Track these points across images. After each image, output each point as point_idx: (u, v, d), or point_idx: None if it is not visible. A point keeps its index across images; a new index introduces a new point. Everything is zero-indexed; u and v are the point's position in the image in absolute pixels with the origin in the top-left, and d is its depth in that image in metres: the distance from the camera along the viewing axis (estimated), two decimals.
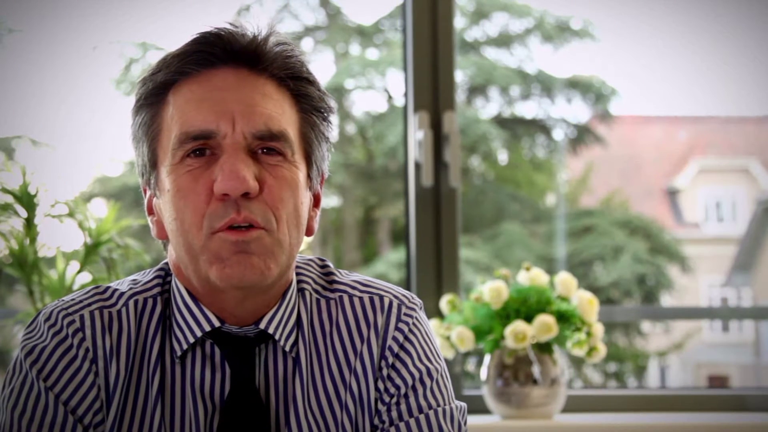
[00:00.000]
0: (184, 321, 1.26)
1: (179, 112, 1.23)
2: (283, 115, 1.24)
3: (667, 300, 10.21)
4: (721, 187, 11.48)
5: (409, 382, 1.27)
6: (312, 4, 10.07)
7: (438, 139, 2.55)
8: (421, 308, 1.34)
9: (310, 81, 1.28)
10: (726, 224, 11.44)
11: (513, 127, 10.13)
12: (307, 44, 9.91)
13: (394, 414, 1.26)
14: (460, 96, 9.55)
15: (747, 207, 11.31)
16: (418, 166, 2.55)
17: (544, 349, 2.28)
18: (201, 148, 1.21)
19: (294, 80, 1.26)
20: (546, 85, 10.14)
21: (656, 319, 10.20)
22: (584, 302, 2.28)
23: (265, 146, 1.22)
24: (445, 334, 2.31)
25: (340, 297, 1.31)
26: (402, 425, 1.25)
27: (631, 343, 10.21)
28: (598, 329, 2.28)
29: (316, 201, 1.32)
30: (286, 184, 1.22)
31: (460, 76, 9.71)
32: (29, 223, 2.09)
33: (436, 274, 2.54)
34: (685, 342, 10.79)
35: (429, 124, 2.55)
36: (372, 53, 10.03)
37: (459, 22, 8.78)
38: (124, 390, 1.23)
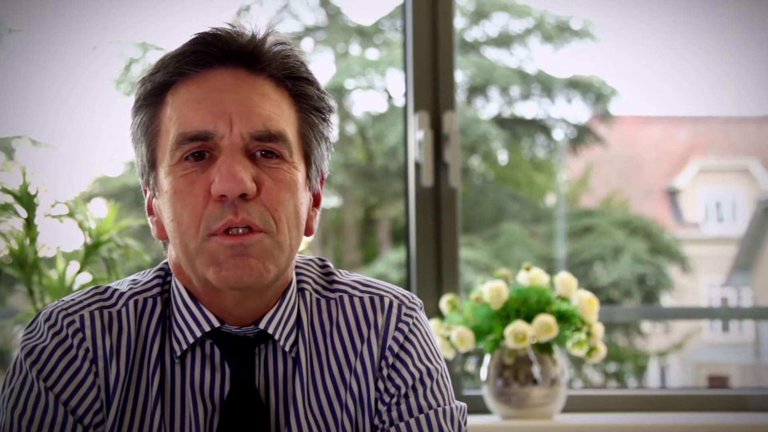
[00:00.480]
0: (183, 321, 1.26)
1: (177, 112, 1.22)
2: (281, 116, 1.23)
3: (667, 300, 10.21)
4: (721, 187, 11.47)
5: (410, 382, 1.27)
6: (312, 4, 10.06)
7: (438, 139, 2.55)
8: (421, 308, 1.34)
9: (309, 81, 1.27)
10: (726, 224, 11.44)
11: (513, 127, 10.13)
12: (307, 44, 9.91)
13: (395, 414, 1.26)
14: (460, 96, 9.55)
15: (747, 207, 11.31)
16: (418, 166, 2.55)
17: (544, 349, 2.28)
18: (199, 151, 1.21)
19: (292, 80, 1.26)
20: (546, 85, 10.14)
21: (656, 319, 10.20)
22: (584, 302, 2.28)
23: (264, 147, 1.22)
24: (445, 334, 2.31)
25: (341, 297, 1.31)
26: (402, 425, 1.25)
27: (631, 343, 10.21)
28: (598, 329, 2.28)
29: (316, 201, 1.31)
30: (285, 185, 1.22)
31: (460, 76, 9.70)
32: (29, 223, 2.09)
33: (436, 274, 2.54)
34: (685, 342, 10.78)
35: (429, 124, 2.55)
36: (372, 53, 10.03)
37: (459, 22, 8.78)
38: (124, 390, 1.23)
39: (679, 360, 11.12)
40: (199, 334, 1.25)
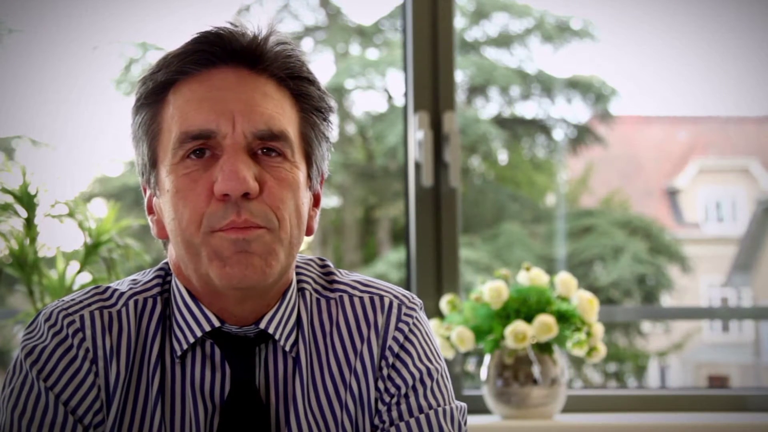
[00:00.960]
0: (184, 321, 1.26)
1: (179, 111, 1.22)
2: (283, 115, 1.24)
3: (667, 300, 10.21)
4: (721, 187, 11.47)
5: (410, 382, 1.27)
6: (312, 4, 10.06)
7: (438, 139, 2.55)
8: (421, 308, 1.34)
9: (310, 80, 1.27)
10: (726, 224, 11.44)
11: (513, 127, 10.12)
12: (307, 44, 9.90)
13: (395, 414, 1.26)
14: (460, 96, 9.55)
15: (747, 207, 11.31)
16: (418, 166, 2.55)
17: (544, 349, 2.27)
18: (201, 148, 1.21)
19: (294, 80, 1.26)
20: (546, 85, 10.14)
21: (656, 319, 10.20)
22: (584, 302, 2.28)
23: (266, 146, 1.22)
24: (445, 334, 2.31)
25: (341, 297, 1.31)
26: (402, 425, 1.25)
27: (631, 343, 10.21)
28: (598, 329, 2.28)
29: (315, 201, 1.32)
30: (287, 184, 1.22)
31: (460, 76, 9.70)
32: (29, 223, 2.09)
33: (436, 274, 2.54)
34: (685, 342, 10.78)
35: (429, 124, 2.55)
36: (372, 53, 10.03)
37: (459, 22, 8.78)
38: (125, 390, 1.23)
39: (679, 360, 11.11)
40: (199, 333, 1.25)
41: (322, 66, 9.86)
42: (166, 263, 1.31)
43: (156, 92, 1.25)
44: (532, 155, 10.49)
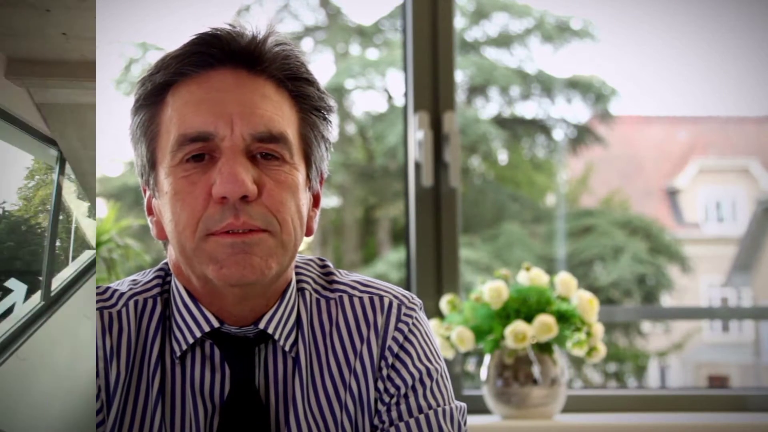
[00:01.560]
0: (183, 321, 1.26)
1: (178, 113, 1.22)
2: (282, 117, 1.23)
3: (667, 300, 10.21)
4: (721, 187, 11.47)
5: (409, 382, 1.27)
6: (312, 4, 10.07)
7: (438, 139, 2.55)
8: (421, 308, 1.34)
9: (310, 81, 1.27)
10: (726, 224, 11.43)
11: (513, 127, 10.13)
12: (307, 44, 9.90)
13: (394, 414, 1.26)
14: (460, 96, 9.54)
15: (747, 207, 11.31)
16: (418, 166, 2.55)
17: (544, 349, 2.27)
18: (200, 153, 1.21)
19: (293, 81, 1.25)
20: (546, 85, 10.14)
21: (656, 319, 10.21)
22: (584, 302, 2.28)
23: (265, 149, 1.21)
24: (445, 334, 2.31)
25: (340, 297, 1.31)
26: (402, 425, 1.25)
27: (631, 343, 10.21)
28: (598, 329, 2.28)
29: (315, 201, 1.31)
30: (286, 187, 1.22)
31: (460, 76, 9.70)
32: None
33: (436, 274, 2.54)
34: (685, 342, 10.78)
35: (429, 124, 2.55)
36: (372, 53, 10.03)
37: (459, 22, 8.77)
38: (125, 390, 1.23)
39: (679, 360, 11.11)
40: (198, 334, 1.25)
41: (322, 66, 9.86)
42: (166, 263, 1.31)
43: (154, 93, 1.25)
44: (532, 155, 10.49)
